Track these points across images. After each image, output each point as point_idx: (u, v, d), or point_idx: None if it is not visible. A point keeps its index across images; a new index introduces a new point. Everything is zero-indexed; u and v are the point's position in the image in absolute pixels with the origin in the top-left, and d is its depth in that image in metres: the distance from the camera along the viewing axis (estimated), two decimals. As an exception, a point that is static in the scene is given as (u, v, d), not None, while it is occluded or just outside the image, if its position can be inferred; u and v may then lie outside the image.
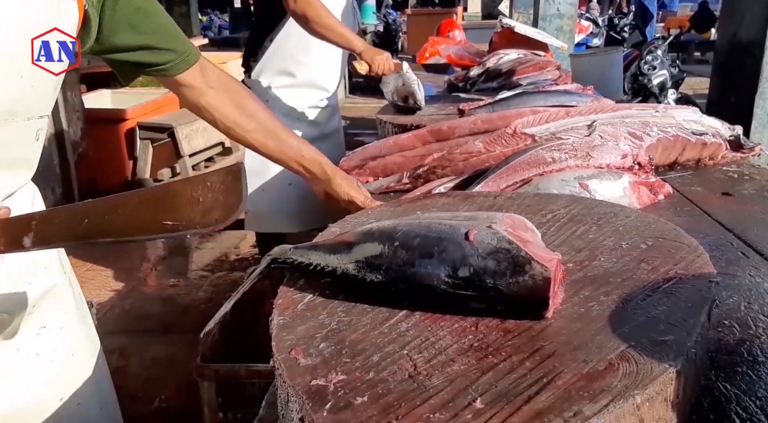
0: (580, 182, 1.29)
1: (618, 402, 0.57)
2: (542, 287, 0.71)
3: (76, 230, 0.76)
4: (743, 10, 2.96)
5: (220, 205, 0.71)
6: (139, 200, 0.77)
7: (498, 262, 0.73)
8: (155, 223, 0.73)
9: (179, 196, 0.73)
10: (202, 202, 0.71)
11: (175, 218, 0.72)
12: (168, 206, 0.73)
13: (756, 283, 0.98)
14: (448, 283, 0.75)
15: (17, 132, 0.95)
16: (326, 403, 0.61)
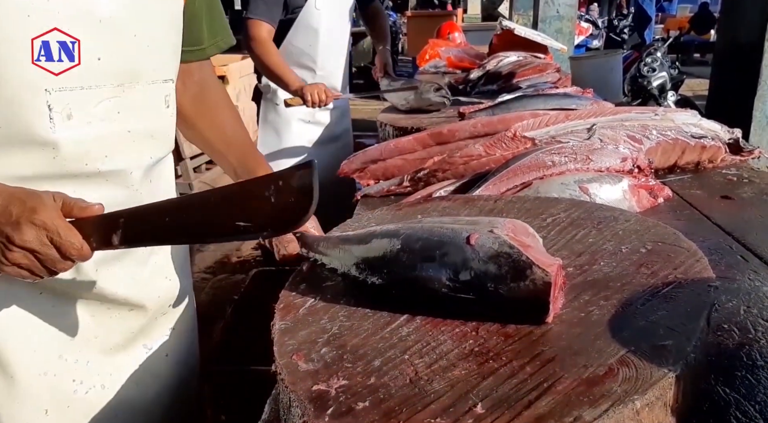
0: (580, 186, 1.29)
1: (618, 407, 0.58)
2: (543, 291, 0.71)
3: (159, 229, 0.78)
4: (742, 13, 2.97)
5: (291, 206, 0.69)
6: (216, 199, 0.76)
7: (499, 266, 0.73)
8: (229, 223, 0.73)
9: (252, 195, 0.72)
10: (274, 202, 0.70)
11: (248, 219, 0.71)
12: (241, 205, 0.73)
13: (755, 287, 0.98)
14: (449, 287, 0.76)
15: (144, 97, 0.96)
16: (328, 408, 0.61)
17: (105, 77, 0.90)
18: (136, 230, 0.78)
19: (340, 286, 0.88)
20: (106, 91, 0.91)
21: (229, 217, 0.72)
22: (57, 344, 0.97)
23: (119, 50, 0.91)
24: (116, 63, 0.91)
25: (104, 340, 1.02)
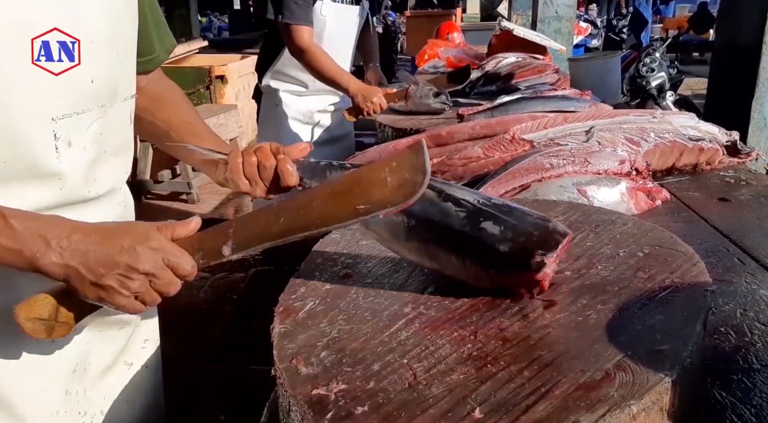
0: (578, 188, 1.30)
1: (614, 412, 0.58)
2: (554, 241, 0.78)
3: (272, 231, 0.79)
4: (740, 15, 2.97)
5: (406, 182, 0.74)
6: (330, 192, 0.78)
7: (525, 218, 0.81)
8: (348, 209, 0.76)
9: (367, 182, 0.76)
10: (390, 181, 0.74)
11: (367, 202, 0.75)
12: (358, 192, 0.76)
13: (752, 290, 0.99)
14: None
15: (118, 115, 0.96)
16: (327, 412, 0.62)
17: (94, 99, 0.90)
18: (249, 236, 0.80)
19: (339, 289, 0.89)
20: (93, 113, 0.90)
21: (347, 204, 0.76)
22: (62, 380, 0.95)
23: (107, 71, 0.91)
24: (103, 84, 0.91)
25: (97, 366, 1.01)
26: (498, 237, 0.80)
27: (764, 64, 2.83)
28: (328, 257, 1.00)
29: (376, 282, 0.90)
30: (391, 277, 0.91)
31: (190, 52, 6.27)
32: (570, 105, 1.92)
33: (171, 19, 10.92)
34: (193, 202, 4.77)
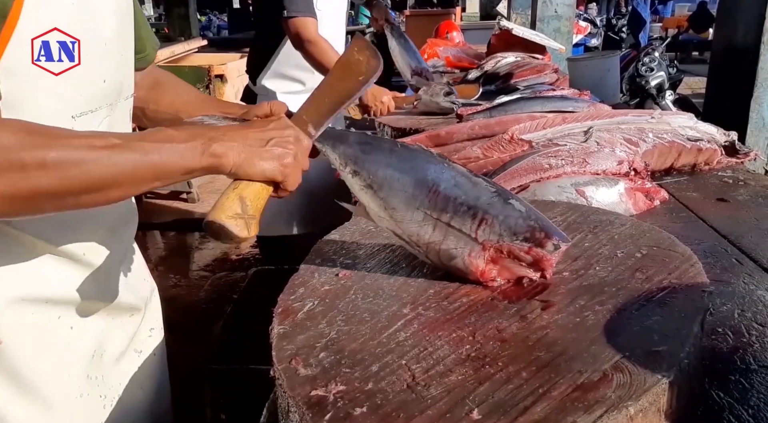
0: (576, 189, 1.30)
1: (612, 413, 0.59)
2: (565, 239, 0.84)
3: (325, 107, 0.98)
4: (739, 15, 2.97)
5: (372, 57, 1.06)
6: (337, 75, 1.03)
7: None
8: (356, 80, 1.03)
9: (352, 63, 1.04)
10: (362, 60, 1.05)
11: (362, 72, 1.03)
12: (353, 69, 1.04)
13: (750, 291, 0.99)
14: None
15: (121, 113, 1.00)
16: (326, 414, 0.62)
17: (104, 98, 0.92)
18: (317, 114, 0.97)
19: (338, 290, 0.89)
20: (103, 111, 0.93)
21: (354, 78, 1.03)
22: (83, 364, 0.98)
23: (116, 70, 0.95)
24: (113, 83, 0.94)
25: (111, 352, 1.05)
26: (523, 214, 0.85)
27: (763, 64, 2.83)
28: (327, 258, 1.00)
29: (375, 283, 0.90)
30: (390, 278, 0.92)
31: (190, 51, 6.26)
32: (569, 105, 1.92)
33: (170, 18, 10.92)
34: (193, 202, 4.77)
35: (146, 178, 0.77)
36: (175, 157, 0.77)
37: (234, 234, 0.79)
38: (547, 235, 0.84)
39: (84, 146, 0.72)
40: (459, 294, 0.85)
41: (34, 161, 0.66)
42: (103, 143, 0.73)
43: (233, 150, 0.81)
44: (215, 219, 0.79)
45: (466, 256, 0.86)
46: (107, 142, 0.74)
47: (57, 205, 0.71)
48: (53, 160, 0.68)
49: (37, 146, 0.68)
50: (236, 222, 0.79)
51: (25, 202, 0.68)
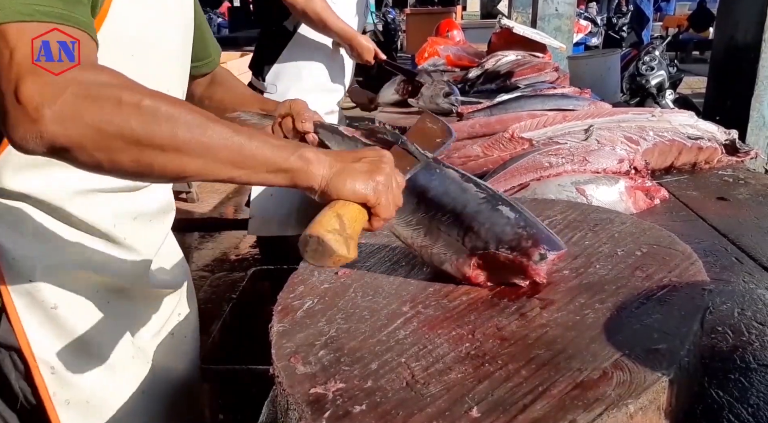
0: (576, 187, 1.30)
1: (611, 411, 0.59)
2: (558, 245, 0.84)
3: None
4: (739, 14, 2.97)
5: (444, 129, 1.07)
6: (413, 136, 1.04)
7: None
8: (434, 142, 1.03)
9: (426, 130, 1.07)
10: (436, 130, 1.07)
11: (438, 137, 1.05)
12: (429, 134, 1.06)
13: (749, 289, 0.99)
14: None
15: None
16: (325, 411, 0.62)
17: None
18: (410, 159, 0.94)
19: (338, 288, 0.89)
20: None
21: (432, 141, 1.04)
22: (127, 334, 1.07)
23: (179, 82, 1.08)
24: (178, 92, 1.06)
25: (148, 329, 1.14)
26: (511, 221, 0.85)
27: (763, 63, 2.83)
28: (326, 256, 1.00)
29: (374, 281, 0.90)
30: (389, 276, 0.91)
31: (190, 49, 6.27)
32: (569, 103, 1.91)
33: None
34: (192, 201, 4.77)
35: (229, 161, 0.72)
36: (266, 149, 0.74)
37: (334, 249, 0.72)
38: (534, 244, 0.82)
39: (180, 105, 0.71)
40: (458, 292, 0.85)
41: (131, 101, 0.66)
42: (200, 111, 0.72)
43: (324, 161, 0.76)
44: (314, 232, 0.72)
45: (455, 261, 0.86)
46: (204, 112, 0.73)
47: (134, 156, 0.68)
48: (147, 106, 0.67)
49: (135, 89, 0.68)
50: (336, 237, 0.72)
51: (109, 139, 0.66)
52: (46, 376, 0.95)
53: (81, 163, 0.68)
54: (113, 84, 0.68)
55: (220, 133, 0.71)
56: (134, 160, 0.68)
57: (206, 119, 0.71)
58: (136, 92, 0.68)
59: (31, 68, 0.65)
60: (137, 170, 0.69)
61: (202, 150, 0.70)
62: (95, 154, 0.67)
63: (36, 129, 0.64)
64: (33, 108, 0.63)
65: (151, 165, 0.69)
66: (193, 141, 0.69)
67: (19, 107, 0.64)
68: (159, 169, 0.70)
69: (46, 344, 0.96)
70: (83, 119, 0.64)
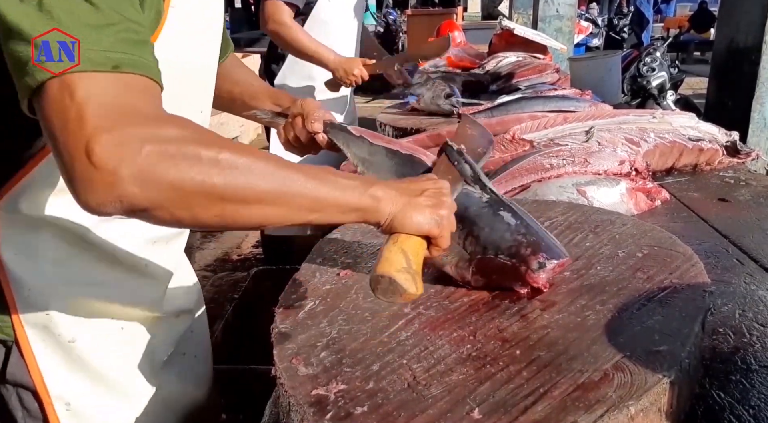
0: (577, 188, 1.30)
1: (612, 412, 0.59)
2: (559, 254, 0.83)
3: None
4: (740, 16, 2.97)
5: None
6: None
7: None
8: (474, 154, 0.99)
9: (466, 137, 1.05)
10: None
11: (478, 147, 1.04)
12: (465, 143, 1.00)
13: (751, 291, 0.99)
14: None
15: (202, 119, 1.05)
16: (327, 412, 0.62)
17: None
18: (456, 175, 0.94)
19: (340, 289, 0.89)
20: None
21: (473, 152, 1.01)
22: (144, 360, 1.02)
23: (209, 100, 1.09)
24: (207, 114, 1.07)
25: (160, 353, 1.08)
26: (511, 227, 0.85)
27: (764, 64, 2.83)
28: (328, 257, 1.00)
29: (376, 282, 0.90)
30: (391, 277, 0.91)
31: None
32: (570, 105, 1.92)
33: (172, 17, 10.88)
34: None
35: (306, 207, 0.71)
36: (338, 191, 0.73)
37: (404, 288, 0.71)
38: (533, 252, 0.82)
39: (253, 154, 0.69)
40: (460, 293, 0.85)
41: (209, 156, 0.63)
42: (272, 158, 0.71)
43: (391, 197, 0.76)
44: (385, 273, 0.71)
45: (455, 265, 0.87)
46: (274, 158, 0.71)
47: (217, 211, 0.66)
48: (226, 161, 0.64)
49: (211, 143, 0.65)
50: (404, 276, 0.71)
51: (191, 197, 0.64)
52: (60, 413, 0.91)
53: (161, 220, 0.65)
54: (188, 138, 0.64)
55: (296, 180, 0.70)
56: (218, 215, 0.66)
57: (280, 167, 0.69)
58: (212, 145, 0.65)
59: (103, 125, 0.60)
60: (220, 224, 0.68)
61: (281, 199, 0.69)
62: (176, 212, 0.64)
63: (115, 193, 0.60)
64: (109, 171, 0.59)
65: (234, 218, 0.67)
66: (273, 191, 0.68)
67: (93, 169, 0.59)
68: (242, 221, 0.68)
69: (62, 380, 0.91)
70: (164, 179, 0.61)
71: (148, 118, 0.63)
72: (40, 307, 0.89)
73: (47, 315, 0.89)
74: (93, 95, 0.61)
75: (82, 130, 0.59)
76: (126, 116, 0.61)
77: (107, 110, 0.61)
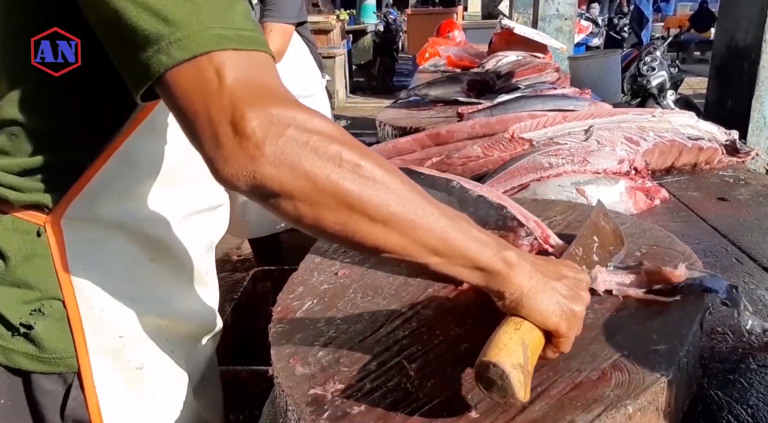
0: (577, 188, 1.30)
1: (610, 412, 0.59)
2: None
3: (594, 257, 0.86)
4: (740, 15, 2.97)
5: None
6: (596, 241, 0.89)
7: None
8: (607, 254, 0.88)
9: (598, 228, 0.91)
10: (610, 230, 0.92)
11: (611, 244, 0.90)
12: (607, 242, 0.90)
13: (750, 290, 0.99)
14: None
15: None
16: (324, 412, 0.62)
17: None
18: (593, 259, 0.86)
19: (337, 289, 0.89)
20: None
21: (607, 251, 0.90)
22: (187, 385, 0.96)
23: None
24: None
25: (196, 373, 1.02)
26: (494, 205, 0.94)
27: (764, 64, 2.83)
28: (326, 257, 1.00)
29: (374, 282, 0.90)
30: (389, 277, 0.91)
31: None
32: (569, 104, 1.91)
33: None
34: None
35: (430, 245, 0.63)
36: (470, 241, 0.65)
37: (514, 391, 0.58)
38: (519, 224, 0.87)
39: (393, 172, 0.64)
40: (458, 293, 0.85)
41: (351, 160, 0.60)
42: (411, 183, 0.65)
43: (525, 268, 0.66)
44: (500, 363, 0.59)
45: None
46: (413, 184, 0.65)
47: (342, 218, 0.62)
48: (366, 169, 0.61)
49: (353, 146, 0.62)
50: (519, 376, 0.59)
51: (322, 195, 0.60)
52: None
53: (283, 211, 0.62)
54: (331, 136, 0.61)
55: (430, 214, 0.63)
56: (340, 223, 0.62)
57: (417, 194, 0.64)
58: (355, 150, 0.62)
59: (249, 100, 0.59)
60: (337, 233, 0.63)
61: (408, 228, 0.63)
62: (301, 206, 0.61)
63: (252, 168, 0.58)
64: (254, 144, 0.58)
65: (354, 231, 0.62)
66: (402, 216, 0.62)
67: (238, 140, 0.58)
68: (360, 238, 0.63)
69: (121, 413, 0.84)
70: (302, 168, 0.59)
71: (287, 100, 0.62)
72: (113, 329, 0.83)
73: (120, 338, 0.83)
74: (234, 71, 0.60)
75: (230, 102, 0.59)
76: (267, 94, 0.61)
77: (249, 86, 0.60)
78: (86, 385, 0.81)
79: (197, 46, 0.60)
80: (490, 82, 2.60)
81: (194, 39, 0.61)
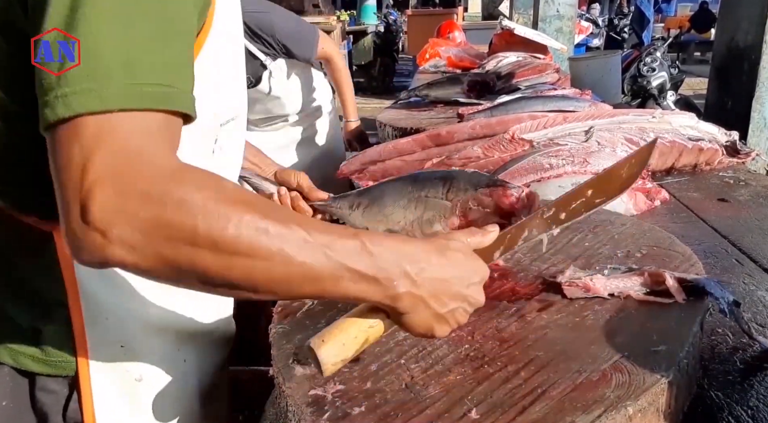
0: (577, 188, 1.30)
1: (610, 413, 0.59)
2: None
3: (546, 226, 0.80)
4: (740, 15, 2.97)
5: (631, 175, 0.79)
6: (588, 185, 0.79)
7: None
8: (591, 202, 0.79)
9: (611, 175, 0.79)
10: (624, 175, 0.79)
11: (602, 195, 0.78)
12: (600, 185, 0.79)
13: (750, 291, 0.99)
14: None
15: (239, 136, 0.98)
16: (324, 413, 0.62)
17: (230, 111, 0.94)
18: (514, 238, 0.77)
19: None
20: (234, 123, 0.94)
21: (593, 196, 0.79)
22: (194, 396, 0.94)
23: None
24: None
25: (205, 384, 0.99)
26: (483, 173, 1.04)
27: (764, 64, 2.83)
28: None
29: (374, 282, 0.90)
30: (389, 277, 0.91)
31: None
32: (570, 104, 1.91)
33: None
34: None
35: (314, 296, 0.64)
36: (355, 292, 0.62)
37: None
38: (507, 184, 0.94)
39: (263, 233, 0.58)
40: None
41: (208, 234, 0.56)
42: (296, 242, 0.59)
43: (413, 299, 0.63)
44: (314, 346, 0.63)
45: (442, 218, 0.96)
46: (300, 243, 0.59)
47: (206, 290, 0.60)
48: (225, 242, 0.56)
49: (213, 213, 0.56)
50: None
51: (180, 273, 0.58)
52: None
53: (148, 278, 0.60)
54: (191, 202, 0.56)
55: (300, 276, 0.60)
56: (207, 290, 0.60)
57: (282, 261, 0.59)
58: (216, 217, 0.56)
59: (105, 178, 0.54)
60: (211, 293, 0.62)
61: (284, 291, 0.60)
62: (164, 279, 0.59)
63: (102, 254, 0.55)
64: (100, 232, 0.54)
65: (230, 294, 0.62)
66: (270, 286, 0.60)
67: (84, 228, 0.54)
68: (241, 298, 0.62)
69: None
70: (152, 252, 0.55)
71: (161, 173, 0.56)
72: (116, 338, 0.81)
73: (122, 348, 0.81)
74: (110, 140, 0.56)
75: (84, 180, 0.54)
76: (138, 168, 0.56)
77: (118, 160, 0.55)
78: (83, 391, 0.80)
79: (78, 106, 0.56)
80: (491, 83, 2.60)
81: (81, 95, 0.56)
